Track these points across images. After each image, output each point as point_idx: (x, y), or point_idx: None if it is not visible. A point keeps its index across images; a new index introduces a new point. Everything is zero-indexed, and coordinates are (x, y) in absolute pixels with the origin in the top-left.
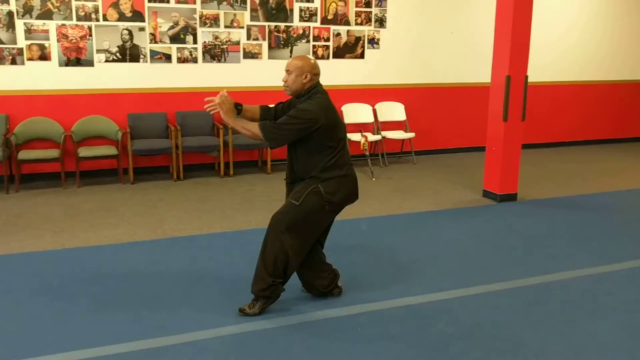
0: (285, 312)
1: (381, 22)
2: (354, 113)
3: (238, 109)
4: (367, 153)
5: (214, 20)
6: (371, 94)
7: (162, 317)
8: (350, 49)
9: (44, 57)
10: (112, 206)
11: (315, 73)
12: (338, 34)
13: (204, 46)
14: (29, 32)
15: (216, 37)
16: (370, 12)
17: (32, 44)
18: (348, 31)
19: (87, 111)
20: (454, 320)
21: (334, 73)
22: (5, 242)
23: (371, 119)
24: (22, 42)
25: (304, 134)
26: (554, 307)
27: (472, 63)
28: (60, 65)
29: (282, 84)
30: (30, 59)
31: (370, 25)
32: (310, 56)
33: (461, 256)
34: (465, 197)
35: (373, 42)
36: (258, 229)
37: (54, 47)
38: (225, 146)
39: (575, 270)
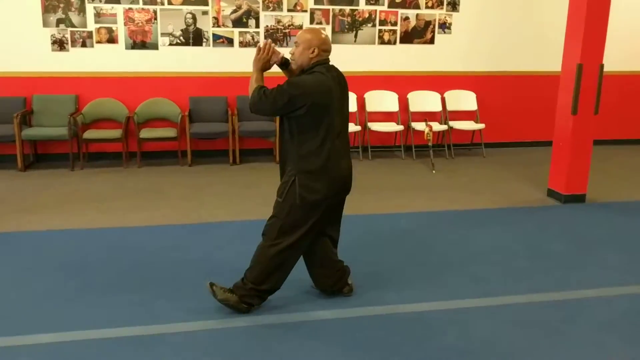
0: (281, 309)
1: (454, 5)
2: (421, 101)
3: (284, 62)
4: (430, 144)
5: (277, 4)
6: (440, 82)
7: (159, 305)
8: (419, 34)
9: (112, 40)
10: (162, 188)
11: (325, 49)
12: (406, 18)
13: (266, 30)
14: (98, 15)
15: (278, 21)
16: None
17: (100, 27)
18: (417, 15)
19: (150, 93)
20: (467, 333)
21: (401, 59)
22: (49, 219)
23: (439, 108)
24: (91, 25)
25: (288, 109)
26: (588, 327)
27: (551, 50)
28: (126, 48)
29: (345, 68)
30: (99, 42)
31: (441, 8)
32: (323, 30)
33: (501, 261)
34: (528, 195)
35: (444, 26)
36: None
37: (121, 31)
38: None
39: (628, 286)
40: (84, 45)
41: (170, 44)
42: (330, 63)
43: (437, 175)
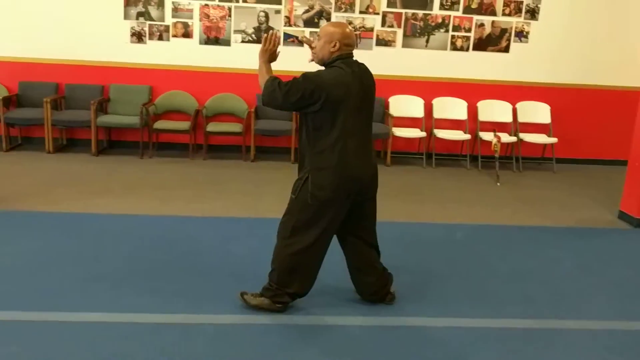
0: (317, 311)
1: (533, 13)
2: (491, 110)
3: None
4: (497, 155)
5: (349, 6)
6: (513, 92)
7: (200, 296)
8: (493, 42)
9: (187, 34)
10: (224, 181)
11: (347, 43)
12: (481, 25)
13: None
14: (175, 10)
15: (350, 23)
16: (521, 1)
17: (177, 22)
18: (493, 22)
19: (220, 88)
20: (505, 354)
21: (473, 66)
22: (114, 203)
23: (509, 119)
24: (169, 19)
25: (302, 103)
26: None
27: (633, 64)
28: (200, 43)
29: (415, 73)
30: (174, 36)
31: (519, 16)
32: (348, 25)
33: (555, 282)
34: (596, 216)
35: (521, 35)
36: None
37: (196, 26)
38: None
39: None
40: (160, 38)
41: (242, 41)
42: (354, 58)
43: (501, 187)
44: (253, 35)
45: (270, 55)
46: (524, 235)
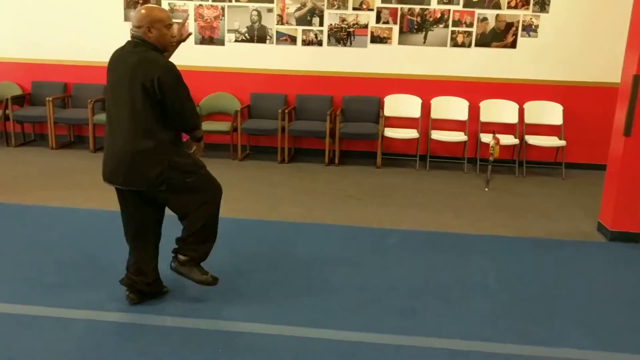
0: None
1: (542, 5)
2: (495, 111)
3: None
4: (492, 158)
5: (342, 2)
6: (520, 91)
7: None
8: (498, 37)
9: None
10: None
11: (133, 24)
12: (484, 19)
13: (330, 29)
14: (171, 11)
15: (343, 20)
16: None
17: (173, 22)
18: (497, 15)
19: (215, 88)
20: None
21: (475, 63)
22: (62, 196)
23: (515, 120)
24: None
25: None
26: None
27: None
28: (195, 43)
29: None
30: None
31: (527, 8)
32: (149, 7)
33: (456, 297)
34: (575, 227)
35: (529, 29)
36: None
37: (191, 26)
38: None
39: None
40: None
41: (236, 40)
42: (131, 40)
43: (488, 193)
44: (246, 35)
45: None
46: (468, 246)
